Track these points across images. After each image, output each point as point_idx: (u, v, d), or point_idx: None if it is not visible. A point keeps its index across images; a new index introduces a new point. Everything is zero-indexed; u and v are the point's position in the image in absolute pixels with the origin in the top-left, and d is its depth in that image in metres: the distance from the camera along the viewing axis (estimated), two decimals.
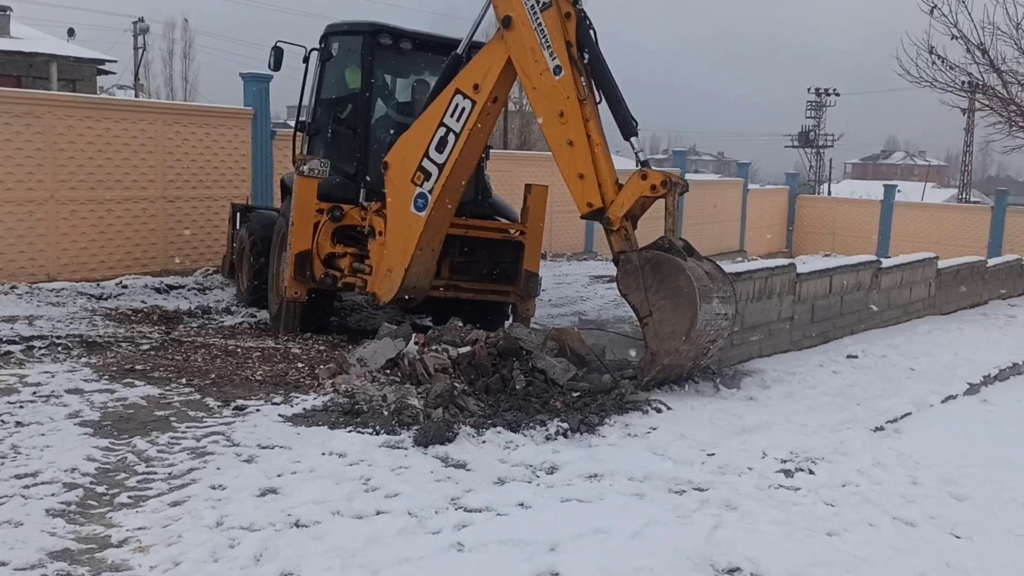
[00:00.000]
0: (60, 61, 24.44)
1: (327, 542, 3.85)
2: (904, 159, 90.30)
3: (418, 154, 7.29)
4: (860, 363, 8.25)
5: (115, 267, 11.00)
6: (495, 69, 6.92)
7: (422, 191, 7.31)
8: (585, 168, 6.43)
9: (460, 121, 7.09)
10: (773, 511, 4.46)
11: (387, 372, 6.38)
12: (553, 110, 6.55)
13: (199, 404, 5.75)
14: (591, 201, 6.44)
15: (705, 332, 6.12)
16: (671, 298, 5.99)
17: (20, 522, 3.87)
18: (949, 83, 14.42)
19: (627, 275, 6.19)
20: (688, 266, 6.04)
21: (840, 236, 27.24)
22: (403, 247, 7.48)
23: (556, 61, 6.51)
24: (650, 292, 6.06)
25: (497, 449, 5.15)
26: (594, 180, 6.41)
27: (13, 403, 5.50)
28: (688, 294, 5.90)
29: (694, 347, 6.15)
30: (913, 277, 10.90)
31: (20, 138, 10.04)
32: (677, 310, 5.97)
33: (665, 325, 6.03)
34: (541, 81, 6.60)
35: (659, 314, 6.04)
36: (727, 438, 5.63)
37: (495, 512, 4.24)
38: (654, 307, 6.05)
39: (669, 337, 6.04)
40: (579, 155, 6.46)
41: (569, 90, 6.48)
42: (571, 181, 6.53)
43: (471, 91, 7.02)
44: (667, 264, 6.04)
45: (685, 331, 5.96)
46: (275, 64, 9.46)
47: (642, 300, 6.11)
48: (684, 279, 5.93)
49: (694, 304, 5.88)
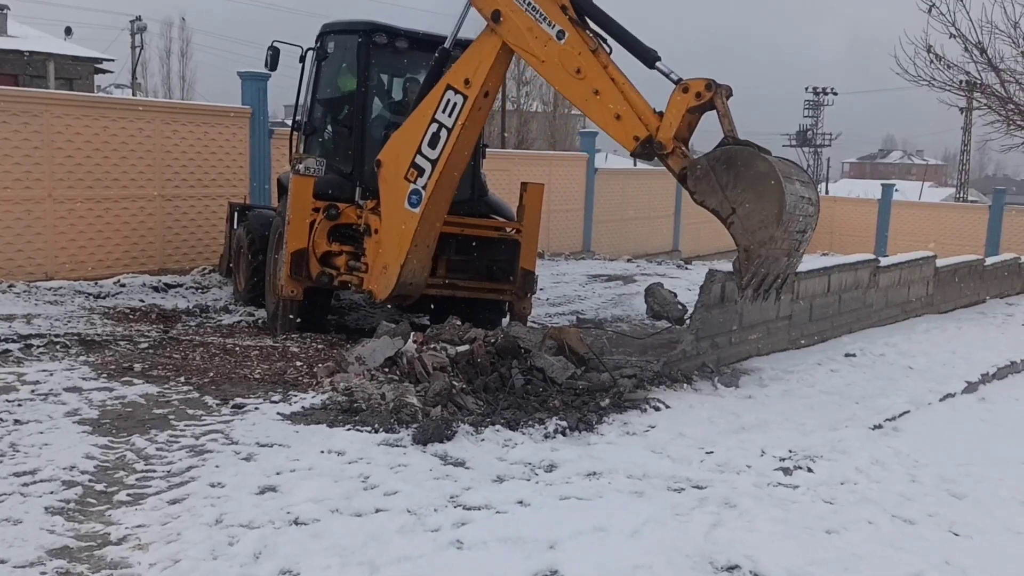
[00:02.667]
0: (57, 60, 24.43)
1: (326, 540, 3.85)
2: (902, 158, 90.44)
3: (411, 151, 7.30)
4: (858, 362, 8.26)
5: (113, 266, 10.98)
6: (486, 62, 6.93)
7: (416, 187, 7.32)
8: (621, 107, 6.32)
9: (452, 116, 7.09)
10: (772, 509, 4.47)
11: (386, 370, 6.38)
12: (569, 71, 6.48)
13: (198, 402, 5.74)
14: (637, 134, 6.26)
15: (794, 217, 5.89)
16: (753, 186, 5.74)
17: (19, 520, 3.87)
18: (947, 82, 14.45)
19: (699, 180, 5.93)
20: (759, 153, 5.82)
21: (838, 235, 27.24)
22: (398, 244, 7.48)
23: (556, 27, 6.51)
24: (727, 190, 5.82)
25: (496, 447, 5.16)
26: (632, 114, 6.29)
27: (11, 401, 5.49)
28: (770, 176, 5.67)
29: (787, 235, 5.93)
30: (911, 276, 10.91)
31: (18, 136, 10.02)
32: (763, 197, 5.72)
33: (753, 216, 5.77)
34: (547, 52, 6.56)
35: (743, 208, 5.78)
36: (725, 436, 5.63)
37: (494, 510, 4.24)
38: (736, 203, 5.80)
39: (760, 227, 5.77)
40: (610, 98, 6.35)
41: (579, 46, 6.45)
42: (609, 126, 6.41)
43: (462, 86, 7.03)
44: (739, 155, 5.81)
45: (776, 215, 5.70)
46: (272, 64, 9.46)
47: (721, 200, 5.85)
48: (762, 163, 5.70)
49: (779, 184, 5.64)
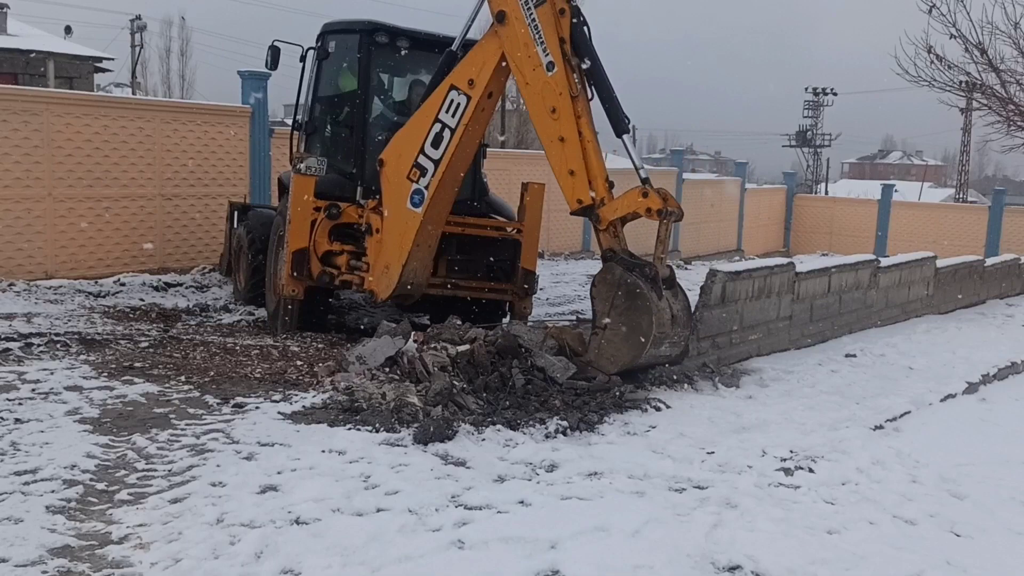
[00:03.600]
0: (57, 59, 24.42)
1: (327, 539, 3.85)
2: (901, 158, 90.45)
3: (414, 150, 7.30)
4: (859, 362, 8.26)
5: (113, 265, 10.98)
6: (489, 64, 6.94)
7: (418, 187, 7.33)
8: (576, 165, 6.47)
9: (455, 117, 7.11)
10: (773, 509, 4.46)
11: (386, 370, 6.37)
12: (545, 106, 6.58)
13: (198, 401, 5.74)
14: (581, 198, 6.48)
15: (641, 365, 6.37)
16: (628, 328, 6.13)
17: (20, 519, 3.86)
18: (947, 82, 14.46)
19: (603, 283, 6.30)
20: (659, 307, 6.10)
21: (837, 235, 27.28)
22: (400, 243, 7.48)
23: (549, 57, 6.53)
24: (614, 311, 6.19)
25: (497, 447, 5.15)
26: (584, 177, 6.45)
27: (12, 400, 5.49)
28: (644, 334, 6.07)
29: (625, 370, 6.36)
30: (911, 276, 10.92)
31: (18, 135, 10.02)
32: (627, 342, 6.13)
33: (611, 346, 6.21)
34: (534, 77, 6.62)
35: (611, 334, 6.20)
36: (726, 436, 5.63)
37: (495, 510, 4.24)
38: (610, 325, 6.22)
39: (609, 359, 6.24)
40: (570, 152, 6.49)
41: (562, 86, 6.50)
42: (562, 178, 6.57)
43: (466, 86, 7.05)
44: (640, 299, 6.10)
45: (623, 364, 6.20)
46: (272, 63, 9.46)
47: (604, 311, 6.24)
48: (647, 322, 6.06)
49: (643, 348, 6.09)
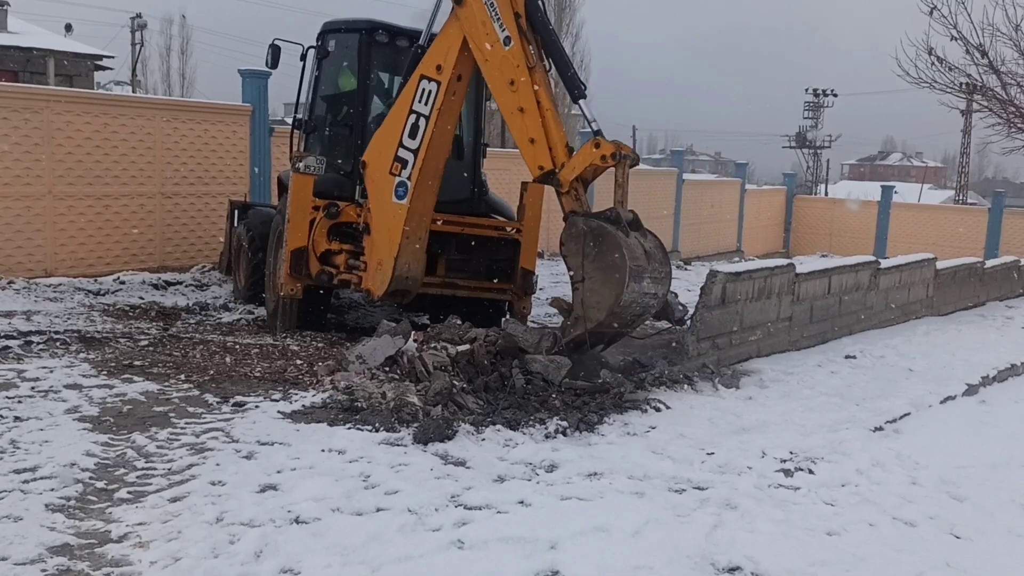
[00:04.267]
0: (57, 56, 24.36)
1: (327, 539, 3.85)
2: (901, 160, 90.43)
3: (392, 145, 7.44)
4: (858, 363, 8.26)
5: (112, 263, 10.96)
6: (454, 47, 7.11)
7: (401, 180, 7.45)
8: (536, 133, 6.62)
9: (428, 104, 7.26)
10: (773, 510, 4.46)
11: (386, 369, 6.37)
12: (504, 79, 6.75)
13: (198, 400, 5.73)
14: (542, 164, 6.62)
15: (630, 308, 6.26)
16: (604, 271, 6.11)
17: (20, 517, 3.85)
18: (948, 84, 14.47)
19: (570, 238, 6.32)
20: (628, 243, 6.13)
21: (837, 236, 27.27)
22: (389, 237, 7.53)
23: (505, 32, 6.71)
24: (587, 260, 6.19)
25: (497, 447, 5.15)
26: (544, 144, 6.60)
27: (12, 398, 5.48)
28: (620, 271, 6.03)
29: (616, 319, 6.30)
30: (911, 278, 10.92)
31: (18, 133, 10.00)
32: (607, 284, 6.10)
33: (593, 295, 6.17)
34: (492, 53, 6.79)
35: (590, 283, 6.18)
36: (726, 437, 5.63)
37: (495, 510, 4.24)
38: (587, 275, 6.19)
39: (594, 307, 6.18)
40: (530, 121, 6.64)
41: (519, 59, 6.67)
42: (523, 146, 6.72)
43: (435, 73, 7.21)
44: (608, 237, 6.13)
45: (609, 305, 6.11)
46: (272, 62, 9.46)
47: (578, 265, 6.24)
48: (619, 256, 6.04)
49: (622, 282, 6.02)
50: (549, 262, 16.32)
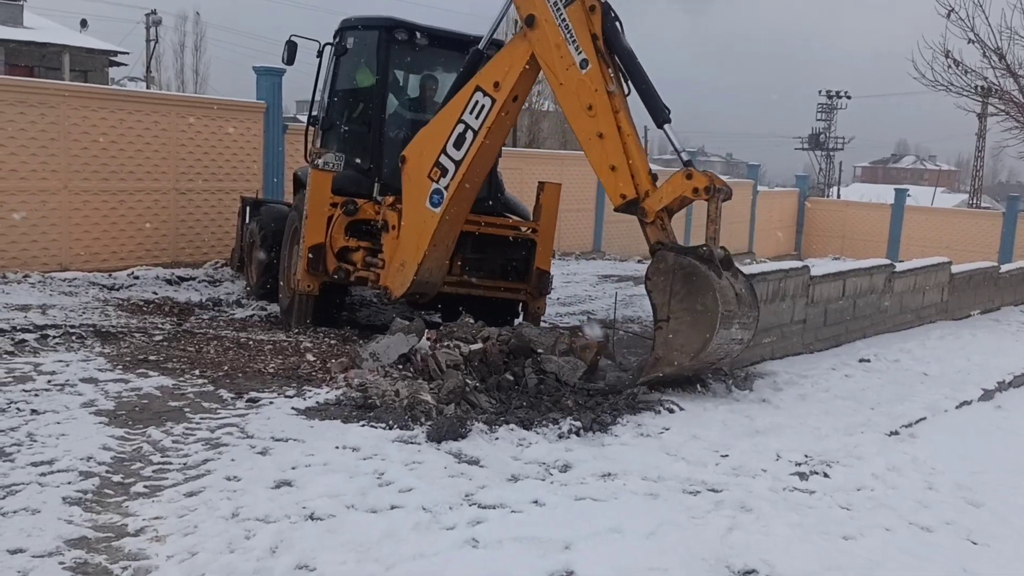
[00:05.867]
0: (72, 52, 24.52)
1: (342, 535, 3.85)
2: (914, 163, 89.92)
3: (436, 150, 7.27)
4: (873, 367, 8.22)
5: (127, 258, 11.03)
6: (516, 67, 6.89)
7: (438, 187, 7.29)
8: (617, 160, 6.36)
9: (479, 119, 7.05)
10: (788, 513, 4.44)
11: (399, 367, 6.38)
12: (582, 104, 6.48)
13: (212, 395, 5.75)
14: (624, 192, 6.33)
15: (715, 353, 6.02)
16: (692, 313, 5.82)
17: (37, 510, 3.87)
18: (964, 87, 14.38)
19: (657, 273, 6.04)
20: (720, 286, 5.83)
21: (850, 239, 27.14)
22: (417, 243, 7.47)
23: (582, 55, 6.46)
24: (674, 299, 5.89)
25: (510, 446, 5.14)
26: (627, 171, 6.33)
27: (28, 391, 5.51)
28: (711, 317, 5.73)
29: (699, 364, 6.08)
30: (926, 282, 10.86)
31: (35, 127, 10.07)
32: (695, 327, 5.82)
33: (678, 337, 5.90)
34: (568, 76, 6.54)
35: (675, 323, 5.88)
36: (740, 439, 5.61)
37: (509, 509, 4.23)
38: (673, 314, 5.89)
39: (678, 350, 5.91)
40: (610, 147, 6.38)
41: (597, 83, 6.42)
42: (603, 173, 6.45)
43: (491, 88, 6.99)
44: (700, 278, 5.84)
45: (695, 351, 5.84)
46: (288, 58, 9.48)
47: (664, 303, 5.96)
48: (711, 299, 5.75)
49: (713, 328, 5.72)
50: (560, 262, 16.32)
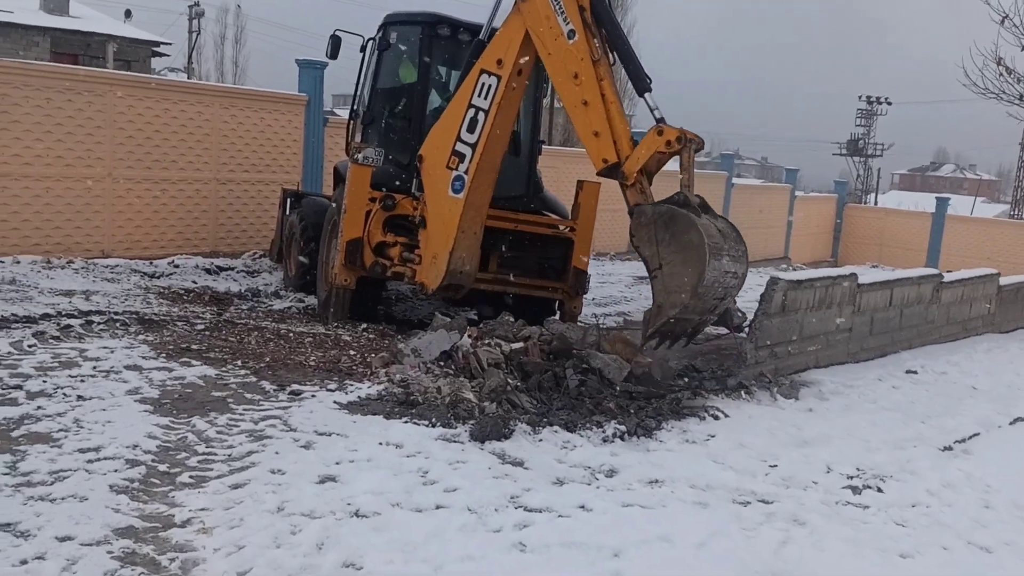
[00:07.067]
0: (117, 42, 24.85)
1: (388, 534, 3.80)
2: (954, 171, 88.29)
3: (450, 139, 7.40)
4: (920, 379, 8.02)
5: (167, 247, 11.10)
6: (515, 41, 7.08)
7: (458, 174, 7.41)
8: (600, 126, 6.55)
9: (488, 99, 7.22)
10: (842, 528, 4.32)
11: (441, 364, 6.32)
12: (568, 72, 6.70)
13: (255, 387, 5.74)
14: (606, 157, 6.53)
15: (713, 288, 6.06)
16: (681, 252, 5.95)
17: (85, 497, 3.87)
18: (1016, 96, 14.02)
19: (640, 227, 6.17)
20: (701, 222, 5.98)
21: (888, 247, 26.63)
22: (445, 231, 7.50)
23: (570, 26, 6.68)
24: (661, 246, 6.04)
25: (554, 448, 5.07)
26: (609, 137, 6.52)
27: (75, 376, 5.54)
28: (698, 249, 5.86)
29: (701, 302, 6.09)
30: (973, 293, 10.59)
31: (82, 115, 10.16)
32: (686, 264, 5.93)
33: (673, 279, 5.99)
34: (556, 46, 6.76)
35: (668, 267, 6.02)
36: (787, 449, 5.48)
37: (556, 513, 4.16)
38: (664, 261, 6.03)
39: (676, 291, 5.99)
40: (594, 114, 6.58)
41: (583, 52, 6.63)
42: (587, 139, 6.66)
43: (495, 67, 7.18)
44: (680, 219, 5.98)
45: (692, 285, 5.91)
46: (332, 52, 9.50)
47: (653, 253, 6.09)
48: (695, 234, 5.88)
49: (703, 260, 5.84)
50: (595, 262, 16.18)
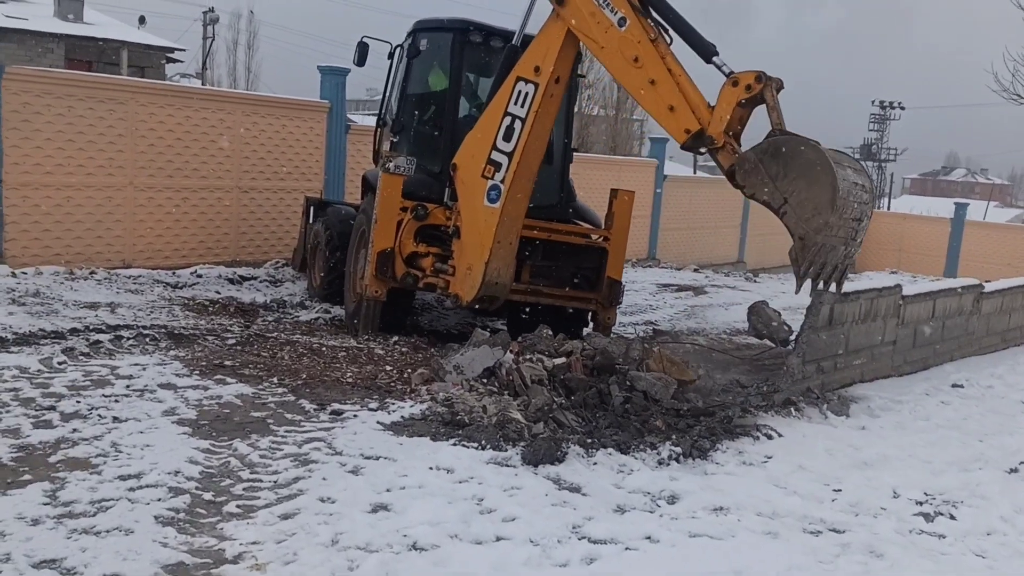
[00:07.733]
0: (130, 48, 24.79)
1: (449, 568, 3.60)
2: (965, 176, 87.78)
3: (486, 148, 7.21)
4: (967, 393, 7.78)
5: (188, 256, 10.94)
6: (554, 47, 6.90)
7: (494, 183, 7.22)
8: (674, 99, 6.30)
9: (524, 107, 7.03)
10: (922, 560, 4.10)
11: (484, 381, 6.12)
12: (626, 59, 6.47)
13: (294, 406, 5.55)
14: (688, 127, 6.23)
15: (848, 203, 5.74)
16: (803, 175, 5.61)
17: (130, 529, 3.68)
18: None
19: (748, 174, 5.82)
20: (809, 141, 5.66)
21: (906, 253, 26.32)
22: (480, 242, 7.31)
23: (619, 14, 6.49)
24: (777, 180, 5.70)
25: (610, 472, 4.85)
26: (686, 107, 6.26)
27: (108, 396, 5.36)
28: (820, 162, 5.54)
29: (842, 221, 5.76)
30: (1013, 303, 10.33)
31: (103, 123, 10.01)
32: (814, 184, 5.60)
33: (806, 204, 5.64)
34: (608, 38, 6.54)
35: (795, 197, 5.66)
36: (849, 472, 5.26)
37: (623, 545, 3.95)
38: (787, 192, 5.67)
39: (814, 214, 5.63)
40: (664, 89, 6.34)
41: (639, 35, 6.42)
42: (663, 117, 6.40)
43: (532, 74, 6.99)
44: (786, 144, 5.67)
45: (829, 200, 5.55)
46: (360, 60, 9.33)
47: (772, 191, 5.74)
48: (810, 151, 5.57)
49: (830, 170, 5.50)
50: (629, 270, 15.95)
